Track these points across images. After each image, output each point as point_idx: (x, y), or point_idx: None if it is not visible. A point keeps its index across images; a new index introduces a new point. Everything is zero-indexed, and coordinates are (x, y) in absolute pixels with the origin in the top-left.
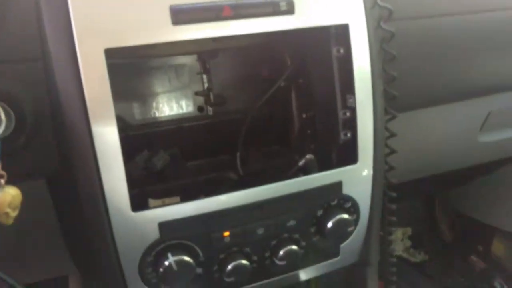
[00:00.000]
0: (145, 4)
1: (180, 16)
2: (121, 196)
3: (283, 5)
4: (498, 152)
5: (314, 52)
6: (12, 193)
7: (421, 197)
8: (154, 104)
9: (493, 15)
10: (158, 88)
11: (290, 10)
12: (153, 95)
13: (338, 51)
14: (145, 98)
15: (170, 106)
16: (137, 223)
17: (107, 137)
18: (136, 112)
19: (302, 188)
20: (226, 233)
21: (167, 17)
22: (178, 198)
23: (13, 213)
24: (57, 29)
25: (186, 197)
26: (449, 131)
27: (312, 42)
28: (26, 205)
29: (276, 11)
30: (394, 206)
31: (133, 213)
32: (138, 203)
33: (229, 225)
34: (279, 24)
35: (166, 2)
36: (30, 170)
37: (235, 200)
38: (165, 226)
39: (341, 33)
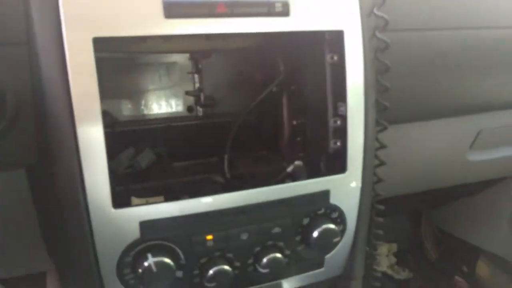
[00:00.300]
0: None
1: (173, 9)
2: (102, 192)
3: (279, 6)
4: (486, 172)
5: (308, 58)
6: None
7: (407, 213)
8: (143, 101)
9: (489, 32)
10: (148, 85)
11: (285, 12)
12: (143, 92)
13: (332, 58)
14: (134, 94)
15: (159, 104)
16: (118, 220)
17: (91, 130)
18: (124, 108)
19: (289, 194)
20: (209, 237)
21: (159, 9)
22: (162, 198)
23: None
24: (45, 14)
25: (170, 197)
26: (439, 147)
27: (306, 47)
28: (2, 196)
29: (271, 12)
30: (381, 220)
31: (113, 210)
32: (121, 200)
33: (212, 229)
34: (273, 25)
35: None
36: (8, 159)
37: (219, 203)
38: (146, 226)
39: (336, 39)
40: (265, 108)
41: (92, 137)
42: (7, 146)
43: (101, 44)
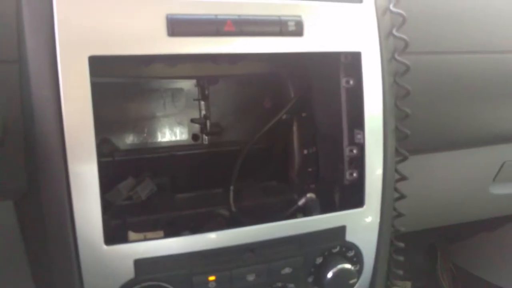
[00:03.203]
0: (140, 11)
1: (177, 27)
2: (93, 227)
3: (291, 25)
4: (510, 207)
5: (321, 82)
6: None
7: (423, 249)
8: (146, 129)
9: None
10: (152, 112)
11: (298, 32)
12: (146, 119)
13: (348, 82)
14: (138, 121)
15: (162, 132)
16: (110, 258)
17: (83, 159)
18: (126, 135)
19: (300, 231)
20: (211, 277)
21: (163, 27)
22: (161, 233)
23: None
24: (38, 30)
25: (171, 232)
26: (460, 180)
27: (320, 71)
28: None
29: (283, 31)
30: (401, 258)
31: (105, 247)
32: (117, 235)
33: (215, 268)
34: (285, 45)
35: (163, 11)
36: None
37: (224, 239)
38: (141, 264)
39: (352, 62)
40: (274, 136)
41: (84, 167)
42: None
43: (104, 69)
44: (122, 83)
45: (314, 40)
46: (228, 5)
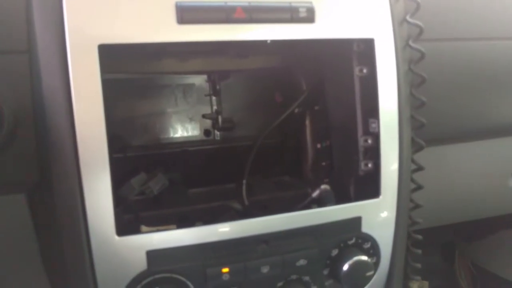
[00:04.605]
0: None
1: (186, 14)
2: (105, 218)
3: (303, 12)
4: None
5: (334, 72)
6: None
7: (440, 247)
8: (158, 125)
9: None
10: (164, 108)
11: (310, 18)
12: (158, 115)
13: (361, 70)
14: (149, 117)
15: (174, 128)
16: (122, 250)
17: (94, 150)
18: (138, 131)
19: (315, 222)
20: (225, 269)
21: (172, 14)
22: (174, 227)
23: None
24: (47, 19)
25: (183, 226)
26: (478, 173)
27: (332, 61)
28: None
29: (294, 18)
30: (419, 251)
31: (117, 238)
32: (129, 229)
33: (228, 260)
34: (296, 32)
35: None
36: (6, 180)
37: (237, 231)
38: (154, 256)
39: (365, 49)
40: (287, 130)
41: (95, 157)
42: (5, 164)
43: (115, 65)
44: (134, 79)
45: (326, 27)
46: None
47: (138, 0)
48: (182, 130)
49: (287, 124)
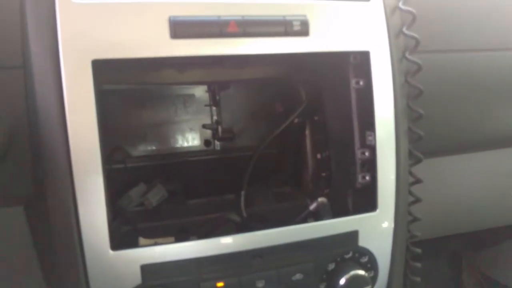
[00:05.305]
0: (142, 13)
1: (180, 28)
2: (99, 232)
3: (297, 25)
4: None
5: (331, 84)
6: None
7: (446, 257)
8: (158, 135)
9: None
10: (164, 118)
11: (304, 31)
12: (158, 125)
13: (358, 82)
14: (149, 128)
15: (174, 138)
16: (116, 263)
17: (88, 163)
18: (138, 142)
19: (311, 236)
20: (220, 284)
21: (165, 29)
22: (172, 239)
23: None
24: (41, 34)
25: (182, 238)
26: (481, 183)
27: (329, 72)
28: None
29: (288, 32)
30: (418, 265)
31: (112, 252)
32: (127, 241)
33: (223, 274)
34: (291, 46)
35: (166, 13)
36: (2, 193)
37: (232, 244)
38: (148, 270)
39: (361, 62)
40: (287, 141)
41: (89, 173)
42: (0, 177)
43: (115, 76)
44: (134, 90)
45: (320, 40)
46: (232, 6)
47: (131, 15)
48: (183, 140)
49: (287, 134)
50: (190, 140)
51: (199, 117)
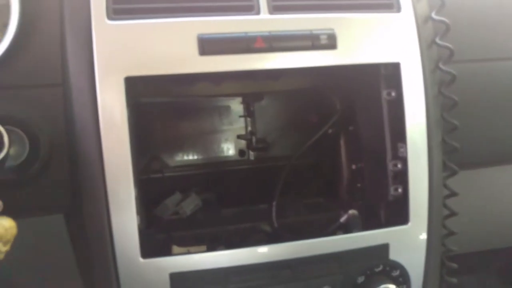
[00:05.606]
0: (172, 32)
1: (208, 46)
2: (131, 240)
3: (324, 38)
4: None
5: (364, 95)
6: (6, 225)
7: (497, 272)
8: (194, 146)
9: None
10: (200, 129)
11: (331, 45)
12: (195, 136)
13: (389, 94)
14: (186, 139)
15: (210, 149)
16: (146, 271)
17: (120, 176)
18: (175, 152)
19: (341, 248)
20: None
21: (194, 46)
22: (204, 247)
23: (4, 248)
24: (79, 55)
25: (213, 247)
26: None
27: (362, 83)
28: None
29: (315, 45)
30: (454, 280)
31: (142, 260)
32: (161, 249)
33: (251, 285)
34: (318, 59)
35: (194, 31)
36: (44, 203)
37: (260, 255)
38: (177, 278)
39: (392, 73)
40: (321, 151)
41: (121, 184)
42: (41, 189)
43: (153, 89)
44: (172, 102)
45: (348, 53)
46: (259, 22)
47: (162, 34)
48: (218, 151)
49: (321, 145)
50: (225, 150)
51: (234, 128)
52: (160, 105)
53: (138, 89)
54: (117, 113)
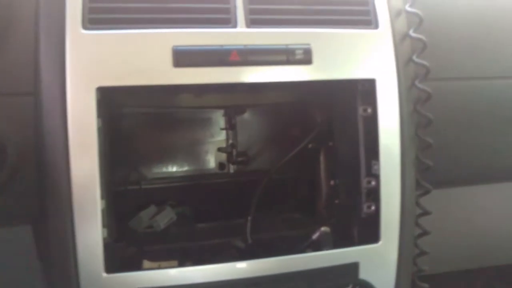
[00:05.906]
0: (147, 43)
1: (182, 57)
2: (94, 255)
3: (299, 53)
4: None
5: (341, 111)
6: None
7: None
8: (174, 158)
9: None
10: (180, 141)
11: (307, 60)
12: (174, 148)
13: (365, 110)
14: (166, 150)
15: (190, 161)
16: (110, 287)
17: (88, 187)
18: (154, 164)
19: (310, 266)
20: None
21: (169, 58)
22: (176, 263)
23: None
24: (51, 63)
25: (184, 262)
26: (500, 215)
27: (340, 99)
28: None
29: (290, 60)
30: None
31: (105, 275)
32: (132, 263)
33: None
34: (293, 74)
35: (170, 43)
36: (9, 214)
37: (230, 272)
38: None
39: (368, 90)
40: (301, 166)
41: (88, 197)
42: (7, 200)
43: (132, 99)
44: (153, 113)
45: (323, 68)
46: (236, 36)
47: (137, 44)
48: (198, 163)
49: (301, 159)
50: (205, 163)
51: (215, 141)
52: (141, 116)
53: (118, 99)
54: (87, 124)
